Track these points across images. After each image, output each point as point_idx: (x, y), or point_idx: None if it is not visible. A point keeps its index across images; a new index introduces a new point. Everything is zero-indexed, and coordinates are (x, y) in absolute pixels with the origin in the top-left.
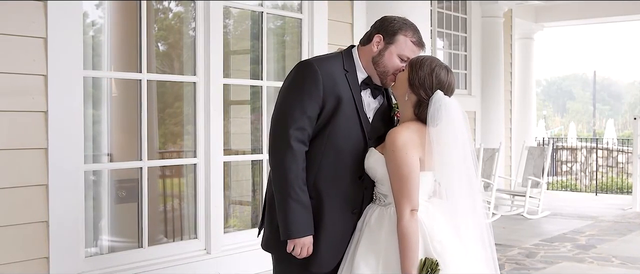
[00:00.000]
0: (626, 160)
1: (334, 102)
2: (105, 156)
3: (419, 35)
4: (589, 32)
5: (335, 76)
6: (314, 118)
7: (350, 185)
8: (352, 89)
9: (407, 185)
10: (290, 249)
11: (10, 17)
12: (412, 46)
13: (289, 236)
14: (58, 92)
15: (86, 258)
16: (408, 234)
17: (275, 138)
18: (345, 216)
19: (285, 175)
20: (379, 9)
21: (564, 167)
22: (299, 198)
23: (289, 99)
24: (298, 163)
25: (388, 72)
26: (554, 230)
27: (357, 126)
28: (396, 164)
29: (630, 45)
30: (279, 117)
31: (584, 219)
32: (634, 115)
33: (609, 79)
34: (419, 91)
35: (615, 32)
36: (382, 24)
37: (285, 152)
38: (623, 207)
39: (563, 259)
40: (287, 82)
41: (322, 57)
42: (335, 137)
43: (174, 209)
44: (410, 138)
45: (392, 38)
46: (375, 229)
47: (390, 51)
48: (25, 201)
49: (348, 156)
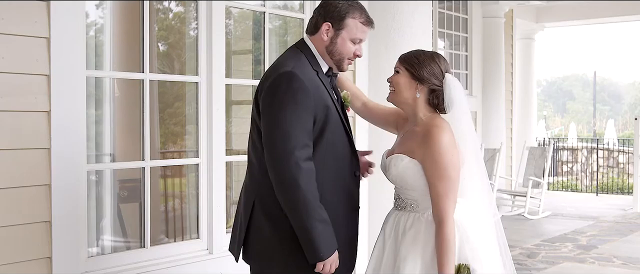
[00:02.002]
0: (627, 160)
1: (323, 110)
2: (108, 156)
3: (366, 13)
4: (589, 32)
5: (315, 82)
6: (312, 131)
7: (349, 184)
8: (327, 88)
9: (454, 187)
10: (320, 269)
11: (13, 17)
12: (362, 27)
13: (321, 258)
14: (61, 92)
15: (89, 258)
16: (450, 239)
17: (282, 162)
18: (351, 217)
19: (304, 198)
20: (380, 9)
21: (564, 168)
22: (321, 218)
23: (286, 117)
24: (312, 183)
25: (344, 59)
26: (555, 230)
27: (341, 125)
28: (443, 165)
29: (630, 45)
30: (279, 139)
31: (585, 220)
32: (634, 115)
33: (609, 79)
34: (431, 81)
35: (615, 32)
36: (327, 9)
37: (298, 175)
38: (624, 207)
39: (564, 260)
40: (272, 96)
41: (296, 64)
42: (332, 143)
43: (175, 209)
44: (452, 138)
45: (341, 23)
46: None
47: (342, 37)
48: (27, 201)
49: (343, 157)
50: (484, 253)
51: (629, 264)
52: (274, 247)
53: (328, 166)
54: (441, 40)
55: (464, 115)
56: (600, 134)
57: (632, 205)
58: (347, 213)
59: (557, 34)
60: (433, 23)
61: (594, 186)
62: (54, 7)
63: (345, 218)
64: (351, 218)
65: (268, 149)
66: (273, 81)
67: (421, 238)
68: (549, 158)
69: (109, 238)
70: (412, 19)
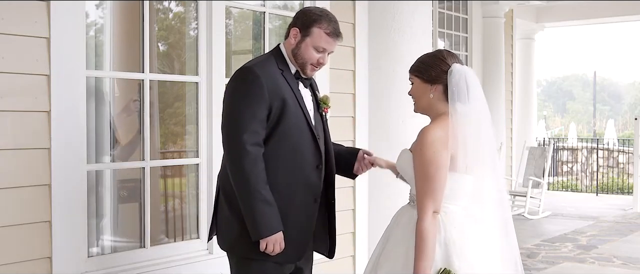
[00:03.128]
0: (627, 160)
1: (279, 103)
2: (108, 156)
3: (335, 26)
4: (589, 32)
5: (275, 78)
6: (264, 120)
7: (309, 176)
8: (291, 86)
9: (432, 185)
10: (263, 247)
11: (13, 17)
12: (327, 38)
13: (260, 236)
14: (61, 92)
15: (89, 258)
16: (426, 236)
17: (230, 146)
18: (308, 205)
19: (247, 179)
20: (380, 9)
21: (564, 168)
22: (264, 198)
23: (237, 106)
24: (257, 165)
25: (306, 64)
26: (555, 230)
27: (303, 120)
28: (423, 161)
29: (630, 45)
30: (231, 125)
31: (585, 220)
32: (634, 115)
33: (609, 79)
34: (442, 78)
35: (615, 32)
36: (299, 16)
37: (243, 158)
38: (624, 207)
39: (564, 260)
40: (230, 89)
41: (258, 62)
42: (288, 134)
43: (175, 209)
44: (440, 136)
45: (307, 30)
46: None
47: (306, 43)
48: (27, 201)
49: (303, 149)
50: (479, 258)
51: (629, 264)
52: (232, 226)
53: (282, 156)
54: (441, 40)
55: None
56: (600, 134)
57: (632, 205)
58: (303, 203)
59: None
60: (433, 23)
61: (594, 186)
62: (54, 7)
63: (301, 206)
64: (309, 208)
65: (222, 135)
66: (233, 75)
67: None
68: (549, 158)
69: (109, 238)
70: (412, 19)
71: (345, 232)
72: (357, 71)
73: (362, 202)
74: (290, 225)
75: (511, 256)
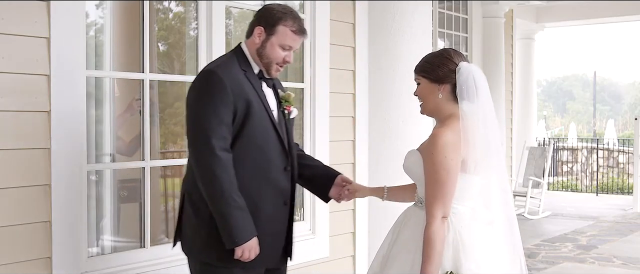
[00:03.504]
0: (627, 160)
1: (243, 105)
2: (108, 156)
3: (300, 23)
4: (589, 32)
5: (239, 79)
6: (230, 124)
7: (277, 178)
8: (255, 87)
9: (443, 189)
10: (239, 254)
11: (13, 17)
12: (293, 35)
13: (236, 243)
14: (61, 92)
15: (89, 258)
16: (435, 240)
17: (199, 152)
18: (279, 209)
19: (220, 186)
20: (380, 10)
21: (564, 168)
22: (237, 204)
23: (202, 110)
24: (228, 171)
25: (272, 63)
26: (555, 230)
27: (268, 121)
28: (434, 165)
29: (630, 45)
30: (198, 130)
31: (585, 220)
32: (634, 115)
33: (609, 79)
34: (450, 77)
35: (615, 32)
36: (262, 14)
37: (214, 164)
38: (624, 207)
39: (564, 260)
40: (193, 93)
41: (221, 63)
42: (254, 137)
43: (175, 209)
44: (452, 140)
45: (273, 29)
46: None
47: (271, 42)
48: (27, 201)
49: (269, 151)
50: (488, 260)
51: (629, 264)
52: (199, 233)
53: (249, 158)
54: (441, 41)
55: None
56: (600, 134)
57: (632, 205)
58: (273, 206)
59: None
60: (433, 23)
61: (594, 186)
62: (54, 7)
63: (271, 210)
64: (279, 211)
65: (188, 141)
66: (195, 79)
67: (419, 234)
68: (549, 158)
69: (109, 238)
70: (412, 19)
71: (345, 232)
72: (357, 71)
73: (362, 202)
74: (261, 231)
75: (516, 255)
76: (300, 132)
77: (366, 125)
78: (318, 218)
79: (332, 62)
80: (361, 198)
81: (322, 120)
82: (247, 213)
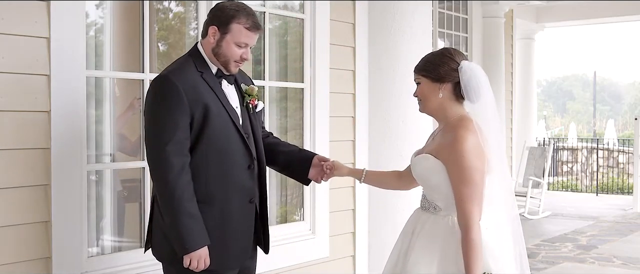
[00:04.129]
0: (627, 160)
1: (201, 109)
2: (108, 156)
3: (254, 19)
4: (589, 32)
5: (195, 83)
6: (187, 128)
7: (242, 178)
8: (213, 88)
9: (478, 192)
10: (187, 263)
11: (13, 17)
12: (247, 32)
13: (185, 251)
14: (61, 92)
15: (89, 258)
16: (477, 245)
17: (153, 159)
18: (245, 207)
19: (172, 192)
20: (380, 9)
21: (564, 168)
22: (188, 211)
23: (157, 117)
24: (182, 177)
25: (229, 61)
26: (555, 230)
27: (229, 122)
28: (467, 169)
29: (630, 45)
30: (153, 137)
31: (585, 220)
32: (634, 115)
33: (609, 79)
34: (451, 76)
35: (615, 32)
36: (215, 13)
37: (167, 170)
38: (624, 207)
39: (564, 260)
40: (149, 100)
41: (176, 68)
42: (214, 138)
43: None
44: (476, 141)
45: (226, 27)
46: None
47: (227, 41)
48: (27, 201)
49: (231, 152)
50: (506, 260)
51: (629, 264)
52: (166, 238)
53: (211, 161)
54: (441, 41)
55: (488, 103)
56: (600, 134)
57: (632, 205)
58: (239, 206)
59: (557, 34)
60: (433, 23)
61: (594, 186)
62: (54, 7)
63: (237, 210)
64: (244, 210)
65: (146, 148)
66: (150, 85)
67: (439, 242)
68: (549, 158)
69: (109, 238)
70: (412, 19)
71: (345, 232)
72: (357, 71)
73: (362, 202)
74: (230, 232)
75: (520, 256)
76: (300, 132)
77: (366, 125)
78: (318, 218)
79: (332, 62)
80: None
81: (322, 120)
82: (199, 221)
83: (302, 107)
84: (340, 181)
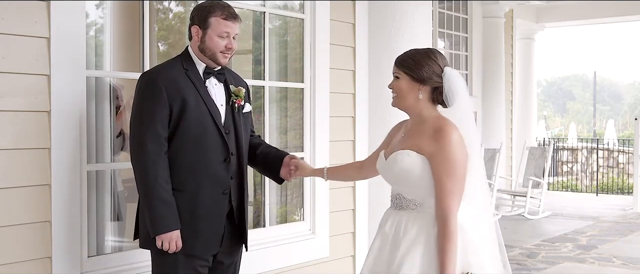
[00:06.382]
0: (627, 160)
1: (179, 102)
2: (108, 156)
3: (229, 9)
4: (589, 32)
5: (176, 78)
6: (165, 120)
7: (215, 169)
8: (196, 84)
9: (460, 186)
10: (159, 244)
11: (13, 17)
12: (225, 22)
13: (156, 233)
14: (61, 91)
15: (89, 258)
16: (455, 237)
17: (132, 146)
18: (217, 197)
19: (146, 177)
20: (380, 9)
21: (564, 168)
22: (160, 196)
23: (138, 109)
24: (156, 164)
25: (216, 54)
26: (555, 230)
27: (207, 116)
28: (453, 162)
29: (630, 45)
30: (133, 128)
31: (585, 220)
32: (634, 115)
33: (609, 79)
34: (432, 79)
35: (615, 32)
36: (194, 15)
37: (142, 156)
38: (624, 207)
39: (564, 260)
40: (136, 93)
41: (161, 66)
42: (189, 131)
43: None
44: (460, 136)
45: (206, 23)
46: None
47: (209, 36)
48: (27, 201)
49: (206, 144)
50: (487, 258)
51: (629, 264)
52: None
53: (186, 151)
54: (441, 40)
55: (466, 110)
56: (600, 134)
57: (632, 205)
58: (210, 196)
59: (557, 34)
60: (433, 23)
61: (594, 186)
62: (54, 7)
63: (208, 200)
64: (218, 200)
65: (129, 138)
66: (137, 82)
67: (423, 235)
68: (549, 158)
69: (109, 238)
70: (412, 19)
71: (345, 232)
72: (357, 71)
73: (362, 202)
74: (199, 219)
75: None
76: (300, 132)
77: (366, 125)
78: (318, 218)
79: (332, 62)
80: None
81: (322, 120)
82: (171, 206)
83: (302, 107)
84: (340, 182)
